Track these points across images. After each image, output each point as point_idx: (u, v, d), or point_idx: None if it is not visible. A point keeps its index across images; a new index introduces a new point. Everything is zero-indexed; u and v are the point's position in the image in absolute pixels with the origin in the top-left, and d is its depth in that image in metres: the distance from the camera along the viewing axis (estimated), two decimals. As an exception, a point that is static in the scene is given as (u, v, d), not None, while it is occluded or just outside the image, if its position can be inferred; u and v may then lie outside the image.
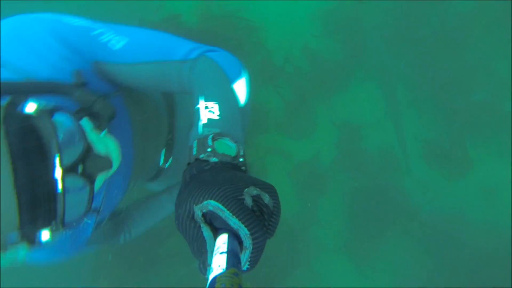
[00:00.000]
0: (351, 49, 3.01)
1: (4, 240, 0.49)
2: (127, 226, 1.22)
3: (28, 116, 0.51)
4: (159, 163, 1.24)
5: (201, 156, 0.54)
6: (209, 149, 0.54)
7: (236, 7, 2.89)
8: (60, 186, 0.51)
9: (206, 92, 0.69)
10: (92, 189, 0.60)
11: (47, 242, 0.54)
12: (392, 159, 3.11)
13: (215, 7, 2.84)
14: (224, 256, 0.39)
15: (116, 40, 0.78)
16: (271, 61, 2.99)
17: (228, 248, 0.40)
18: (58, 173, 0.51)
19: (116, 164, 0.71)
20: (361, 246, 3.20)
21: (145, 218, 1.26)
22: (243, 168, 0.56)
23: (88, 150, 0.59)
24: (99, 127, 0.73)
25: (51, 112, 0.55)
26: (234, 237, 0.43)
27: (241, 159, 0.56)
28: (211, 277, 0.36)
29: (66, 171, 0.53)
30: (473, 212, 3.02)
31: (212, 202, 0.43)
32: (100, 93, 0.79)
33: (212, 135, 0.57)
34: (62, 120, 0.58)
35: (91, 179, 0.60)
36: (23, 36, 0.71)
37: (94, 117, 0.73)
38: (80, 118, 0.69)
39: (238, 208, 0.43)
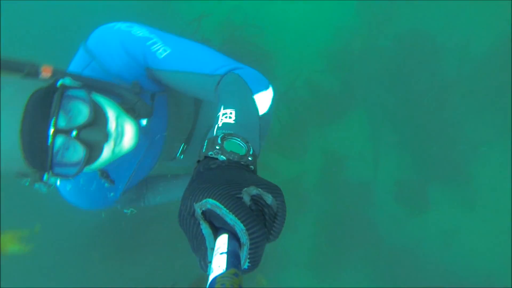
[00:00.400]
0: (349, 87, 3.27)
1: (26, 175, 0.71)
2: (147, 196, 1.46)
3: (53, 89, 0.70)
4: (176, 154, 1.39)
5: (209, 153, 0.55)
6: (217, 147, 0.55)
7: (255, 32, 3.13)
8: (50, 140, 0.67)
9: (226, 101, 0.74)
10: (88, 155, 0.74)
11: (52, 183, 0.74)
12: (366, 191, 3.37)
13: (238, 31, 3.07)
14: (224, 256, 0.38)
15: (163, 50, 0.90)
16: (276, 87, 3.23)
17: (228, 248, 0.40)
18: (51, 130, 0.67)
19: (132, 144, 0.86)
20: (327, 266, 3.42)
21: (162, 195, 1.49)
22: (251, 167, 0.56)
23: (92, 124, 0.73)
24: (132, 116, 0.90)
25: (69, 87, 0.72)
26: (234, 237, 0.43)
27: (250, 158, 0.56)
28: (211, 277, 0.36)
29: (59, 131, 0.68)
30: (428, 250, 3.29)
31: (210, 200, 0.44)
32: (147, 93, 0.98)
33: (222, 135, 0.58)
34: (78, 95, 0.74)
35: (90, 146, 0.74)
36: (106, 42, 0.92)
37: (133, 111, 0.91)
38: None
39: (234, 204, 0.43)
